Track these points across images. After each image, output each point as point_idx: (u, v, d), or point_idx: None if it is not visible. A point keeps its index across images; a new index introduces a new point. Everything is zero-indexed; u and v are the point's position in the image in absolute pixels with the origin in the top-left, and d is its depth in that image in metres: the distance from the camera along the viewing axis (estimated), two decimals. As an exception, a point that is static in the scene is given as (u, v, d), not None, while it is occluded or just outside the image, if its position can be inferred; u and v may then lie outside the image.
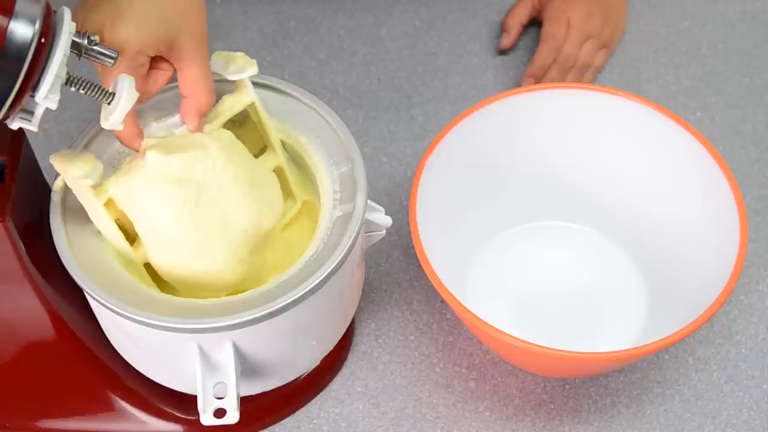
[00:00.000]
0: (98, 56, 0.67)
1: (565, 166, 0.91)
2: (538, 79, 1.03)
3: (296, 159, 0.80)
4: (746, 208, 0.97)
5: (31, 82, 0.62)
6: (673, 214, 0.88)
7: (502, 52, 1.08)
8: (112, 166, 0.77)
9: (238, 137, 0.78)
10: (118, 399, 0.84)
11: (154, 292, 0.72)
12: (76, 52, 0.66)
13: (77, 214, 0.74)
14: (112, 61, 0.68)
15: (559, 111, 0.89)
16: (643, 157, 0.89)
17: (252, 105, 0.78)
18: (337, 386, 0.88)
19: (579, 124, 0.89)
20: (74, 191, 0.73)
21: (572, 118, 0.89)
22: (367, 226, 0.78)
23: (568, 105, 0.88)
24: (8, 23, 0.60)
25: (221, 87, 0.77)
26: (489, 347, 0.86)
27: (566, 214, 0.94)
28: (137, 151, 0.74)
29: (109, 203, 0.73)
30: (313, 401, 0.88)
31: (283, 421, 0.87)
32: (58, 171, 0.72)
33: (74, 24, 0.64)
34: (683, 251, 0.86)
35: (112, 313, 0.71)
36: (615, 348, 0.82)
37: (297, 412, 0.87)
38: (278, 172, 0.79)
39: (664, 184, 0.88)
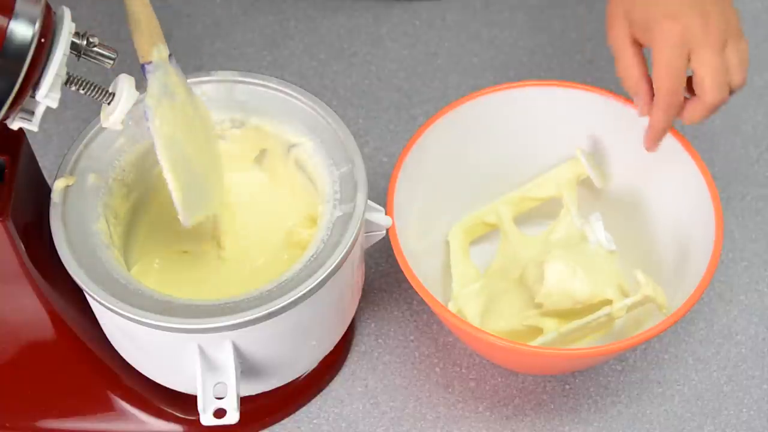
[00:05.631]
0: (97, 57, 0.67)
1: (543, 162, 0.91)
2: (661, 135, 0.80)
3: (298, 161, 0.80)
4: (747, 208, 0.97)
5: (32, 82, 0.62)
6: (652, 213, 0.88)
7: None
8: (112, 166, 0.77)
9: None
10: (118, 399, 0.84)
11: (155, 292, 0.72)
12: (75, 52, 0.66)
13: (77, 214, 0.74)
14: (111, 62, 0.68)
15: (537, 108, 0.89)
16: (621, 153, 0.89)
17: None
18: (337, 386, 0.88)
19: (557, 121, 0.89)
20: None
21: (551, 115, 0.89)
22: (367, 226, 0.78)
23: (546, 102, 0.88)
24: (8, 23, 0.60)
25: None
26: (469, 344, 0.86)
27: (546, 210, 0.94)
28: None
29: None
30: (313, 401, 0.88)
31: (283, 421, 0.87)
32: None
33: (74, 24, 0.64)
34: (661, 251, 0.87)
35: (111, 313, 0.71)
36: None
37: (297, 412, 0.87)
38: None
39: (642, 181, 0.89)
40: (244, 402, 0.75)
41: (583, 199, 0.90)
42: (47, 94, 0.63)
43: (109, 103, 0.68)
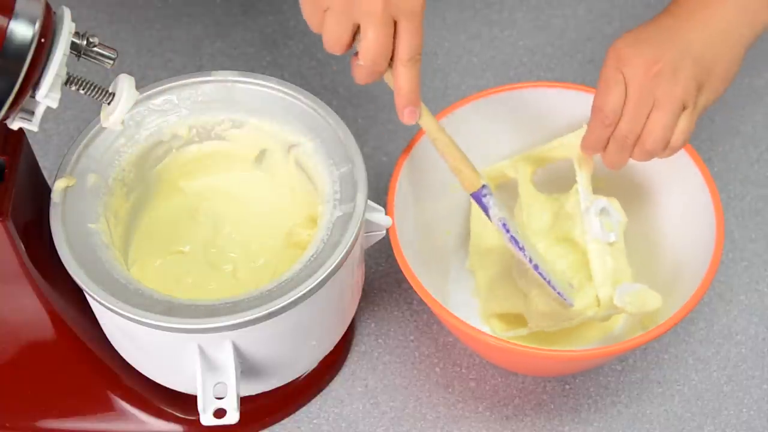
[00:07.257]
0: (97, 57, 0.67)
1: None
2: (595, 152, 0.82)
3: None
4: (746, 208, 0.97)
5: (32, 82, 0.62)
6: (652, 214, 0.88)
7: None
8: (112, 166, 0.77)
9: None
10: (118, 399, 0.84)
11: (155, 292, 0.72)
12: (75, 52, 0.66)
13: (77, 214, 0.74)
14: (111, 62, 0.68)
15: (536, 108, 0.89)
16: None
17: None
18: (337, 386, 0.88)
19: (557, 122, 0.89)
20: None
21: (551, 115, 0.88)
22: (367, 226, 0.78)
23: (546, 103, 0.88)
24: (8, 23, 0.60)
25: None
26: (467, 344, 0.86)
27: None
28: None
29: None
30: (313, 401, 0.88)
31: (283, 421, 0.87)
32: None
33: (74, 24, 0.64)
34: (662, 251, 0.87)
35: (112, 313, 0.71)
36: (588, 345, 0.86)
37: (297, 412, 0.87)
38: None
39: (642, 181, 0.89)
40: (244, 402, 0.75)
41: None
42: (47, 94, 0.63)
43: (109, 103, 0.68)
